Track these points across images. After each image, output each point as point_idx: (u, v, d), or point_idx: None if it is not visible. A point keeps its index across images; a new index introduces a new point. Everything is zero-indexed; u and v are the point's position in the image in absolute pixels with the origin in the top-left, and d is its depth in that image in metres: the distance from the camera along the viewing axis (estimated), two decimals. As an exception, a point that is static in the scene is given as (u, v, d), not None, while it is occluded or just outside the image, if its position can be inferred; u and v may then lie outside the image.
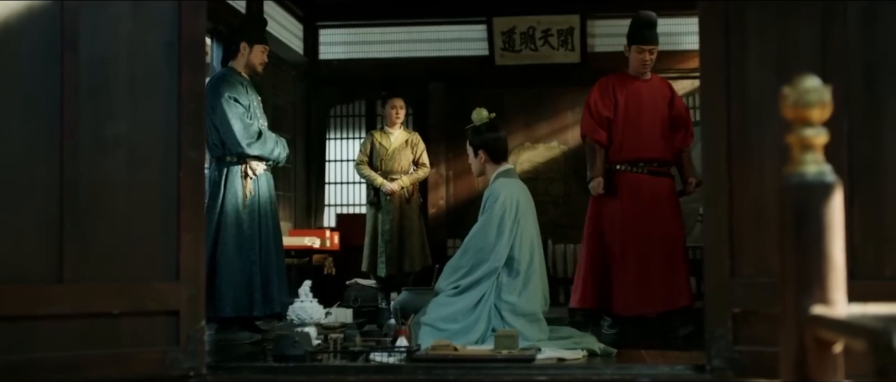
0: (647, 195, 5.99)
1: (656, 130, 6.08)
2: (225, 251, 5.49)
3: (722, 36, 3.52)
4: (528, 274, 5.31)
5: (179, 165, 3.61)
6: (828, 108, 1.37)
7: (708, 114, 3.59)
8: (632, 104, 6.11)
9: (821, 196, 1.37)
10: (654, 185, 6.04)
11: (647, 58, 6.08)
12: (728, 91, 3.50)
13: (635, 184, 6.03)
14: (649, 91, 6.19)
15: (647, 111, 6.11)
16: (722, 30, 3.52)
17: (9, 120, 3.40)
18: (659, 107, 6.14)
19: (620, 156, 6.08)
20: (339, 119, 10.15)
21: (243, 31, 5.91)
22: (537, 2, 9.50)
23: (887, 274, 3.29)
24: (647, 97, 6.15)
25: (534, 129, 9.52)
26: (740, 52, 3.50)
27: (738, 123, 3.50)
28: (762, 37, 3.47)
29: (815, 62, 3.31)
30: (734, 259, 3.49)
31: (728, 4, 3.52)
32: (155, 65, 3.63)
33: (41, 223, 3.42)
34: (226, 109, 5.51)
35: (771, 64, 3.46)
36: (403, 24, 9.88)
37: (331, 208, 10.11)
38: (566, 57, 9.30)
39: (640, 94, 6.16)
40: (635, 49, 6.10)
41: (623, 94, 6.13)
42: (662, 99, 6.19)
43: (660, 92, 6.22)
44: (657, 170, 6.05)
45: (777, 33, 3.44)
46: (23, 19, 3.41)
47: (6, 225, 3.37)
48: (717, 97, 3.53)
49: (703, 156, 3.64)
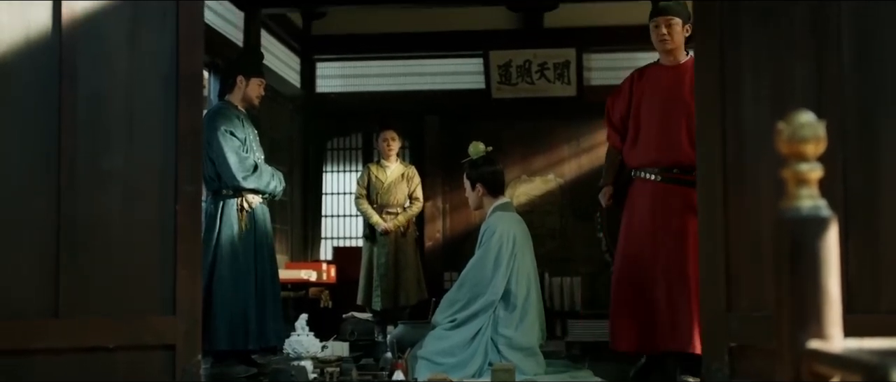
0: (661, 208, 4.89)
1: (679, 127, 4.90)
2: (221, 284, 5.48)
3: (717, 72, 3.53)
4: (524, 307, 5.31)
5: (176, 199, 3.61)
6: (822, 143, 1.38)
7: (704, 149, 3.60)
8: (652, 95, 5.07)
9: (816, 230, 1.37)
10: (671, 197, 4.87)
11: (663, 32, 5.03)
12: (723, 126, 3.52)
13: (647, 194, 4.97)
14: (675, 79, 5.02)
15: (670, 103, 4.99)
16: (717, 66, 3.54)
17: (6, 152, 3.40)
18: (679, 98, 4.95)
19: (634, 159, 5.07)
20: (336, 152, 10.16)
21: (240, 65, 5.93)
22: (534, 36, 9.54)
23: (883, 308, 3.29)
24: (671, 86, 5.02)
25: (530, 162, 9.53)
26: (736, 87, 3.52)
27: (733, 158, 3.51)
28: (757, 72, 3.49)
29: (809, 97, 3.33)
30: (730, 292, 3.49)
31: (724, 41, 3.54)
32: (152, 100, 3.64)
33: (37, 256, 3.41)
34: (222, 143, 5.52)
35: (766, 99, 3.48)
36: (400, 58, 9.92)
37: (327, 241, 10.10)
38: (563, 90, 9.33)
39: (664, 83, 5.06)
40: (651, 26, 5.12)
41: (645, 85, 5.12)
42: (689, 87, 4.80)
43: (687, 78, 4.86)
44: (679, 178, 4.86)
45: (772, 69, 3.46)
46: (21, 53, 3.42)
47: (2, 258, 3.37)
48: (713, 132, 3.55)
49: (698, 191, 3.65)
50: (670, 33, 5.02)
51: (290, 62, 9.62)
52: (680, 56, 5.09)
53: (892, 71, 3.27)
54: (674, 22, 5.02)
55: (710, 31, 3.58)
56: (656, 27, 5.05)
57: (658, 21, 5.05)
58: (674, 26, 5.02)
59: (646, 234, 4.90)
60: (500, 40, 9.55)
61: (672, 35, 5.02)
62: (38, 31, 3.45)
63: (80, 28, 3.49)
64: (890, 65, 3.28)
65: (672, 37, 5.02)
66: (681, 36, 5.06)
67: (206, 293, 5.31)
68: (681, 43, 5.08)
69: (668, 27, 5.02)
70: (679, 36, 5.05)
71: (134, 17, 3.62)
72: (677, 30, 5.03)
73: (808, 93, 3.36)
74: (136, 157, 3.61)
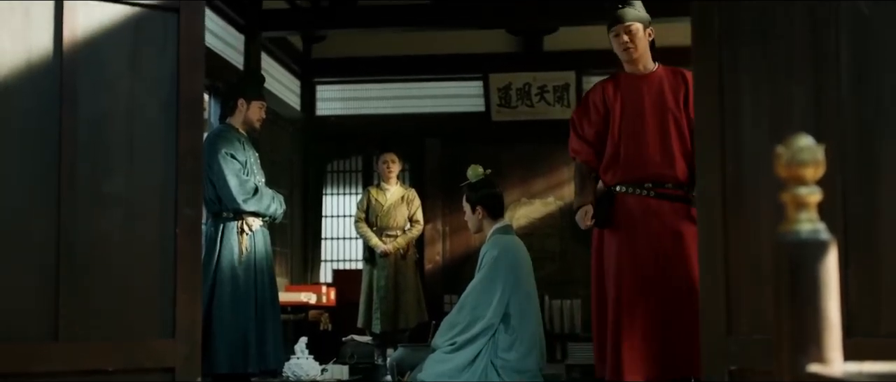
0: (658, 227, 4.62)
1: (658, 139, 4.70)
2: (220, 307, 5.47)
3: (716, 95, 3.54)
4: (524, 330, 5.30)
5: (176, 222, 3.61)
6: (821, 167, 1.39)
7: (703, 172, 3.61)
8: (631, 107, 4.79)
9: (815, 254, 1.37)
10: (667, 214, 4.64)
11: (625, 40, 4.75)
12: (723, 149, 3.52)
13: (635, 211, 4.67)
14: (651, 88, 4.78)
15: (649, 114, 4.75)
16: (716, 89, 3.55)
17: (7, 175, 3.41)
18: (664, 107, 4.72)
19: (617, 175, 4.76)
20: (336, 174, 10.17)
21: (241, 88, 5.95)
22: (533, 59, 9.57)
23: (883, 332, 3.29)
24: (648, 96, 4.77)
25: (530, 185, 9.55)
26: (735, 110, 3.53)
27: (733, 181, 3.52)
28: (756, 95, 3.50)
29: (808, 120, 3.34)
30: (730, 316, 3.49)
31: (722, 64, 3.55)
32: (153, 123, 3.65)
33: (37, 280, 3.41)
34: (222, 165, 5.53)
35: (765, 122, 3.48)
36: (400, 81, 9.95)
37: (327, 263, 10.11)
38: (562, 113, 9.35)
39: (641, 93, 4.79)
40: (611, 37, 4.84)
41: (620, 96, 4.81)
42: (672, 95, 4.72)
43: (667, 87, 4.74)
44: (673, 193, 4.65)
45: (771, 92, 3.47)
46: (22, 76, 3.43)
47: (2, 281, 3.37)
48: (712, 155, 3.55)
49: (698, 213, 3.65)
50: (633, 41, 4.73)
51: (290, 85, 9.65)
52: (648, 63, 4.83)
53: (891, 94, 3.28)
54: (634, 28, 4.74)
55: (709, 53, 3.59)
56: (616, 36, 4.77)
57: (617, 29, 4.76)
58: (635, 33, 4.74)
59: (646, 255, 4.58)
60: (500, 63, 9.59)
61: (635, 42, 4.73)
62: (39, 55, 3.46)
63: (80, 51, 3.51)
64: (889, 87, 3.29)
65: (635, 44, 4.74)
66: (644, 41, 4.78)
67: (206, 316, 5.31)
68: (645, 48, 4.80)
69: (629, 34, 4.73)
70: (642, 41, 4.77)
71: (135, 41, 3.63)
72: (639, 36, 4.75)
73: (807, 116, 3.36)
74: (136, 180, 3.61)
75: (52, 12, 3.47)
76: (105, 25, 3.58)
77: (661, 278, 4.53)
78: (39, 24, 3.46)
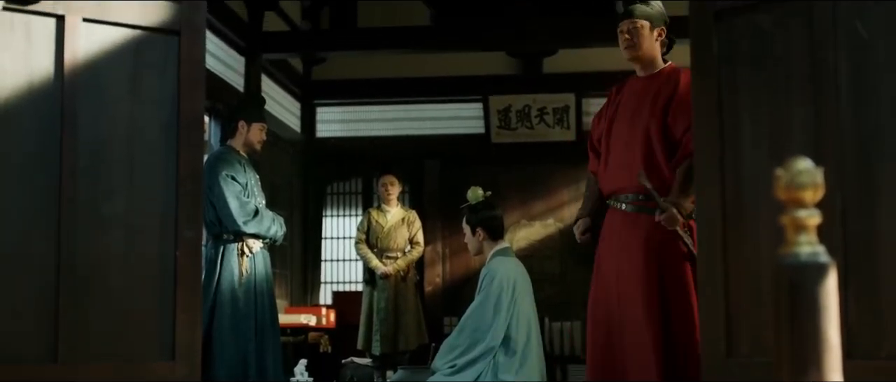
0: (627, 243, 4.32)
1: (629, 148, 4.40)
2: (220, 329, 5.47)
3: (716, 116, 3.55)
4: (524, 352, 5.30)
5: (177, 244, 3.61)
6: (821, 190, 1.39)
7: (703, 193, 3.61)
8: (624, 111, 4.51)
9: (815, 277, 1.37)
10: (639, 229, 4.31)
11: (626, 37, 4.46)
12: (722, 170, 3.53)
13: (614, 224, 4.41)
14: (647, 90, 4.46)
15: (630, 121, 4.45)
16: (715, 110, 3.55)
17: (7, 197, 3.41)
18: (642, 114, 4.40)
19: (605, 185, 4.51)
20: (336, 196, 10.19)
21: (242, 110, 5.96)
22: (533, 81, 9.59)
23: (884, 354, 3.28)
24: (643, 99, 4.45)
25: (530, 207, 9.55)
26: (734, 131, 3.53)
27: (733, 202, 3.52)
28: (755, 116, 3.50)
29: (808, 141, 3.34)
30: (730, 338, 3.48)
31: (722, 85, 3.56)
32: (153, 145, 3.65)
33: (37, 302, 3.41)
34: (223, 187, 5.54)
35: (764, 143, 3.49)
36: (400, 103, 9.98)
37: (327, 285, 10.10)
38: (562, 135, 9.38)
39: (636, 96, 4.49)
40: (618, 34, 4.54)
41: (620, 99, 4.57)
42: (653, 101, 4.38)
43: (655, 91, 4.41)
44: (649, 206, 4.29)
45: (770, 113, 3.47)
46: (23, 98, 3.44)
47: (2, 302, 3.37)
48: (712, 176, 3.55)
49: (698, 235, 3.65)
50: (635, 38, 4.42)
51: (290, 107, 9.67)
52: (651, 65, 4.51)
53: (890, 115, 3.28)
54: (638, 25, 4.43)
55: (708, 74, 3.60)
56: (620, 33, 4.48)
57: (621, 25, 4.47)
58: (639, 30, 4.43)
59: (611, 274, 4.31)
60: (500, 85, 9.62)
61: (636, 39, 4.43)
62: (40, 77, 3.47)
63: (81, 73, 3.52)
64: (888, 108, 3.29)
65: (636, 41, 4.43)
66: (649, 40, 4.46)
67: (206, 338, 5.30)
68: (650, 48, 4.47)
69: (632, 32, 4.43)
70: (647, 40, 4.45)
71: (135, 63, 3.64)
72: (643, 34, 4.43)
73: (807, 138, 3.37)
74: (136, 202, 3.62)
75: (53, 34, 3.49)
76: (106, 48, 3.59)
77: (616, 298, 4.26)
78: (40, 46, 3.47)
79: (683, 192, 4.18)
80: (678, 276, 4.17)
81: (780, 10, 3.45)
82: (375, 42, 8.81)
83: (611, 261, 4.33)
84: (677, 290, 4.15)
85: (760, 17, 3.51)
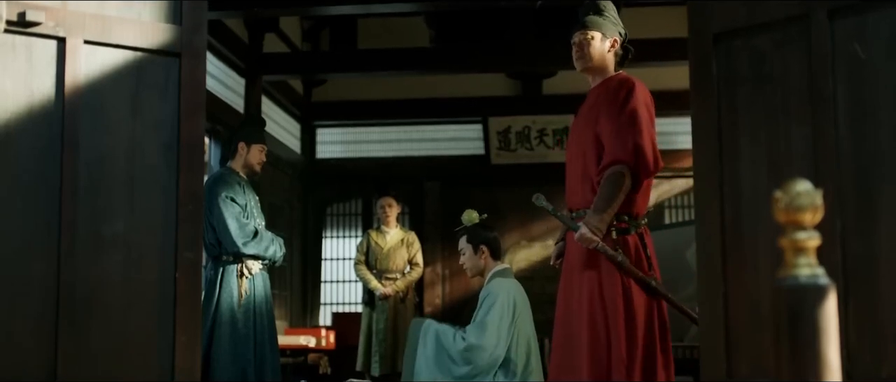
0: (568, 264, 4.29)
1: (574, 163, 4.33)
2: (220, 350, 5.46)
3: (715, 137, 3.56)
4: (524, 374, 5.28)
5: (176, 265, 3.61)
6: (819, 211, 1.39)
7: (702, 215, 3.61)
8: (575, 124, 4.45)
9: (814, 298, 1.38)
10: (572, 243, 4.23)
11: (575, 50, 4.32)
12: (721, 191, 3.53)
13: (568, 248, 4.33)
14: (589, 102, 4.37)
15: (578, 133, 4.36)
16: (715, 131, 3.56)
17: (7, 217, 3.41)
18: (587, 124, 4.28)
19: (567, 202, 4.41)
20: (336, 217, 10.19)
21: (242, 131, 5.97)
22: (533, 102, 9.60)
23: (884, 375, 3.28)
24: (587, 112, 4.34)
25: (529, 228, 9.55)
26: (733, 152, 3.54)
27: (732, 223, 3.52)
28: (754, 138, 3.51)
29: (806, 162, 3.35)
30: (730, 359, 3.48)
31: (721, 107, 3.57)
32: (153, 166, 3.66)
33: (36, 322, 3.41)
34: (222, 209, 5.54)
35: (763, 164, 3.49)
36: (400, 124, 9.99)
37: (327, 307, 10.09)
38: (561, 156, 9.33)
39: (585, 109, 4.39)
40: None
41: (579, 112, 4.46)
42: (596, 109, 4.25)
43: (597, 99, 4.29)
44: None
45: (769, 134, 3.48)
46: (23, 119, 3.45)
47: (1, 323, 3.36)
48: (711, 197, 3.56)
49: (697, 257, 3.65)
50: (585, 49, 4.28)
51: (290, 128, 9.69)
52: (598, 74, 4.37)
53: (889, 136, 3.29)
54: (589, 36, 4.27)
55: (707, 97, 3.61)
56: (572, 44, 4.34)
57: (574, 38, 4.33)
58: (587, 41, 4.27)
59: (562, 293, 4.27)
60: (500, 107, 9.63)
61: (588, 50, 4.27)
62: (41, 98, 3.48)
63: (82, 95, 3.53)
64: (886, 130, 3.30)
65: (587, 52, 4.28)
66: (600, 51, 4.30)
67: (205, 359, 5.29)
68: (600, 59, 4.31)
69: (582, 43, 4.29)
70: (597, 51, 4.29)
71: (136, 85, 3.65)
72: (594, 45, 4.27)
73: (805, 159, 3.37)
74: (136, 223, 3.62)
75: (54, 56, 3.50)
76: (107, 70, 3.61)
77: (564, 318, 4.21)
78: (42, 68, 3.48)
79: (598, 210, 4.02)
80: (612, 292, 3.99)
81: (779, 32, 3.47)
82: (375, 63, 8.83)
83: (562, 281, 4.28)
84: (613, 305, 3.97)
85: (759, 39, 3.52)
